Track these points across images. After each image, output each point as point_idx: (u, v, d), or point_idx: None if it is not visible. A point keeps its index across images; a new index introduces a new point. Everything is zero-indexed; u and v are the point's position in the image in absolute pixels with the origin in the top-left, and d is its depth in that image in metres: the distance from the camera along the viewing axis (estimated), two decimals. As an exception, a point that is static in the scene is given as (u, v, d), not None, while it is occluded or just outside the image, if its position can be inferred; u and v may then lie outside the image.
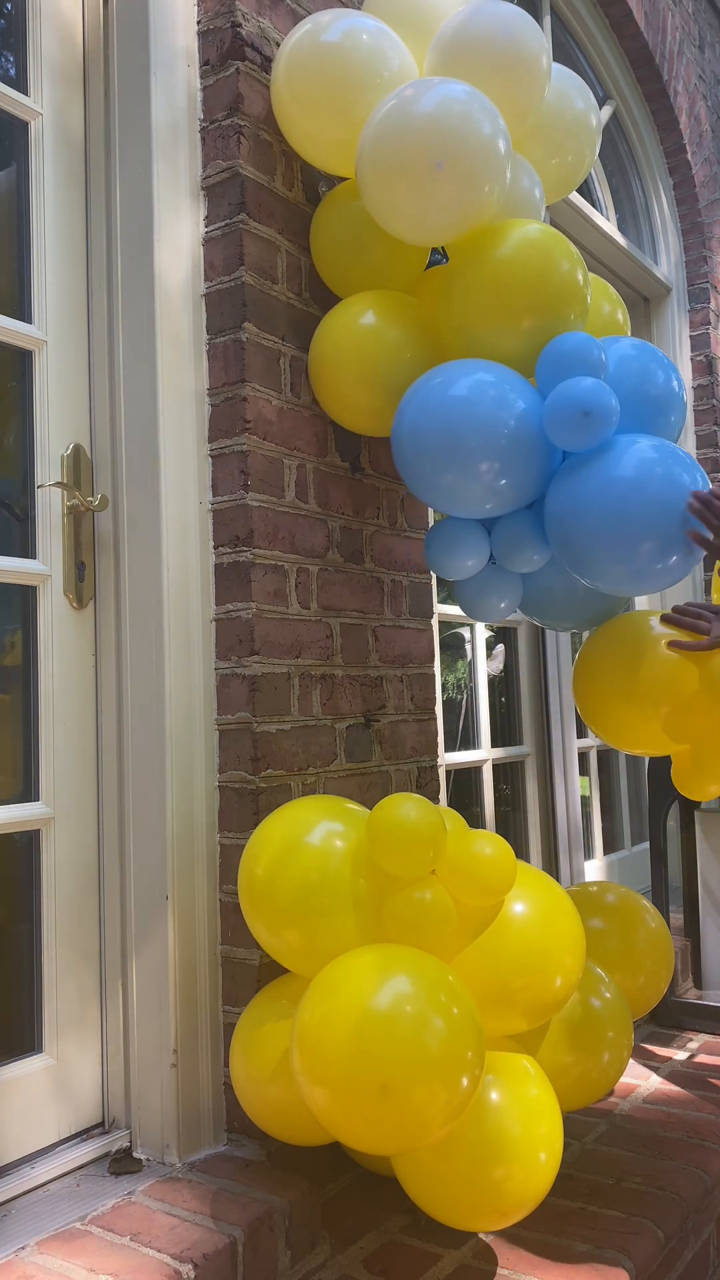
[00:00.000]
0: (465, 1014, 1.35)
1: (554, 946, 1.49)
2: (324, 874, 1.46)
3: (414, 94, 1.62)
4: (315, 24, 1.74)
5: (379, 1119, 1.29)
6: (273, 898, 1.47)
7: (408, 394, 1.70)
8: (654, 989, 1.87)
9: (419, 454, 1.67)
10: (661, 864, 2.77)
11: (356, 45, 1.71)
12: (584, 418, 1.59)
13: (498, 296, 1.69)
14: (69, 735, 1.72)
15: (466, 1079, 1.32)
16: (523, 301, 1.69)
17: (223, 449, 1.77)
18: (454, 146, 1.59)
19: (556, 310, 1.69)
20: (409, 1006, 1.31)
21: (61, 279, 1.78)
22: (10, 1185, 1.53)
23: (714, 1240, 1.85)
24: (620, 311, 2.02)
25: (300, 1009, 1.38)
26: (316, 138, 1.78)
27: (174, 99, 1.80)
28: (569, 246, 1.73)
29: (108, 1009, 1.72)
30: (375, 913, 1.46)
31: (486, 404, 1.62)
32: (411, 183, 1.62)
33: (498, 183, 1.66)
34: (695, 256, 3.80)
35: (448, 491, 1.68)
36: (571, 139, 1.94)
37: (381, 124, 1.63)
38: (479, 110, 1.61)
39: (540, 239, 1.71)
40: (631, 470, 1.63)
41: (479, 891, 1.45)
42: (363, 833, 1.50)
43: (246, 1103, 1.55)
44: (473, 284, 1.71)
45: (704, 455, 3.74)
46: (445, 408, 1.63)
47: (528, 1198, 1.44)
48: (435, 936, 1.43)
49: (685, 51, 3.77)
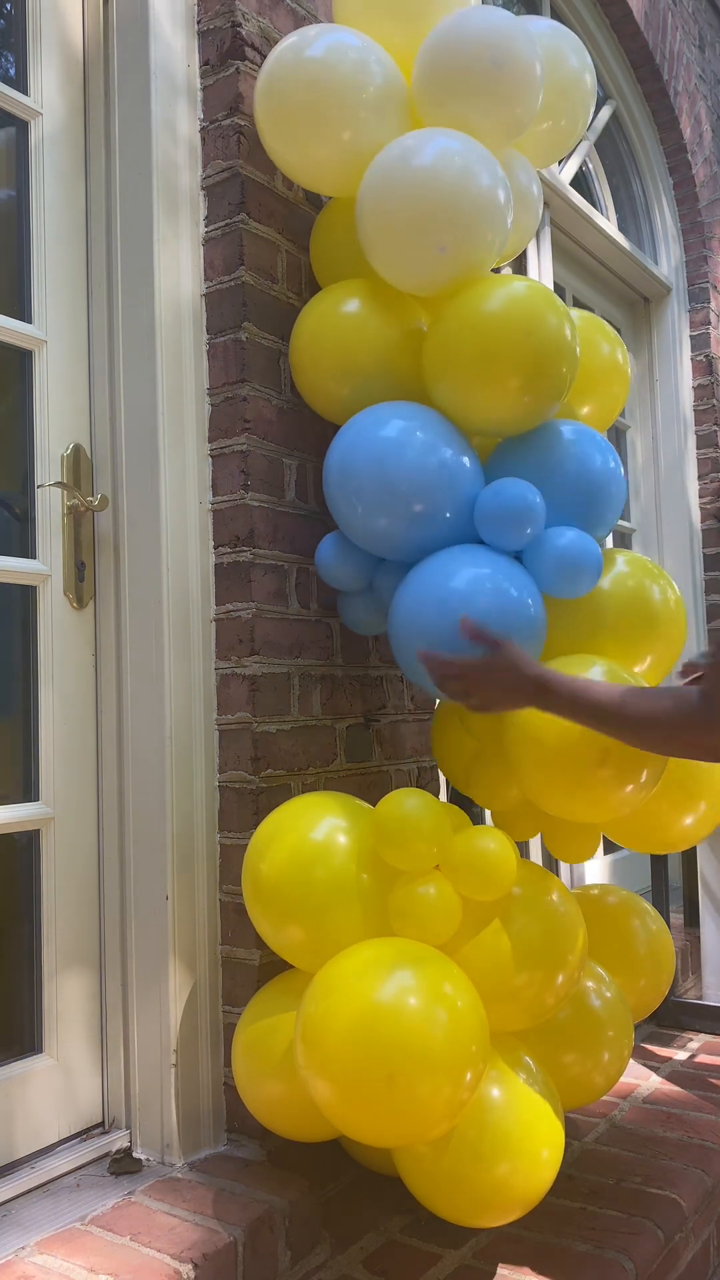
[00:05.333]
0: (469, 1007, 1.35)
1: (556, 943, 1.49)
2: (328, 869, 1.47)
3: (407, 164, 1.57)
4: (278, 59, 1.66)
5: (383, 1111, 1.29)
6: (277, 893, 1.48)
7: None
8: (654, 992, 1.87)
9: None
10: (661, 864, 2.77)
11: (337, 65, 1.62)
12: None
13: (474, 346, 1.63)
14: (69, 735, 1.72)
15: (470, 1073, 1.32)
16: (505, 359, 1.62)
17: (223, 449, 1.77)
18: (459, 232, 1.57)
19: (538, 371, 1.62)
20: (413, 999, 1.31)
21: (61, 279, 1.78)
22: (10, 1185, 1.53)
23: (714, 1240, 1.84)
24: (620, 351, 1.92)
25: (304, 1002, 1.39)
26: (295, 165, 1.73)
27: (174, 99, 1.80)
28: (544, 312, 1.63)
29: (108, 1009, 1.72)
30: (379, 907, 1.47)
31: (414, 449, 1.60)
32: (415, 263, 1.61)
33: (499, 237, 1.63)
34: (695, 256, 3.80)
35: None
36: (565, 100, 1.83)
37: (380, 197, 1.59)
38: (477, 164, 1.57)
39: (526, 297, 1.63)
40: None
41: (482, 886, 1.45)
42: (366, 828, 1.50)
43: (248, 1099, 1.55)
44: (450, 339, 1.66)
45: (704, 455, 3.74)
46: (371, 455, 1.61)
47: (530, 1194, 1.44)
48: (438, 931, 1.44)
49: (685, 51, 3.77)
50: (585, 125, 1.92)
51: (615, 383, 1.92)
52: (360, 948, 1.41)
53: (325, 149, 1.67)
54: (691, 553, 3.69)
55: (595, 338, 1.89)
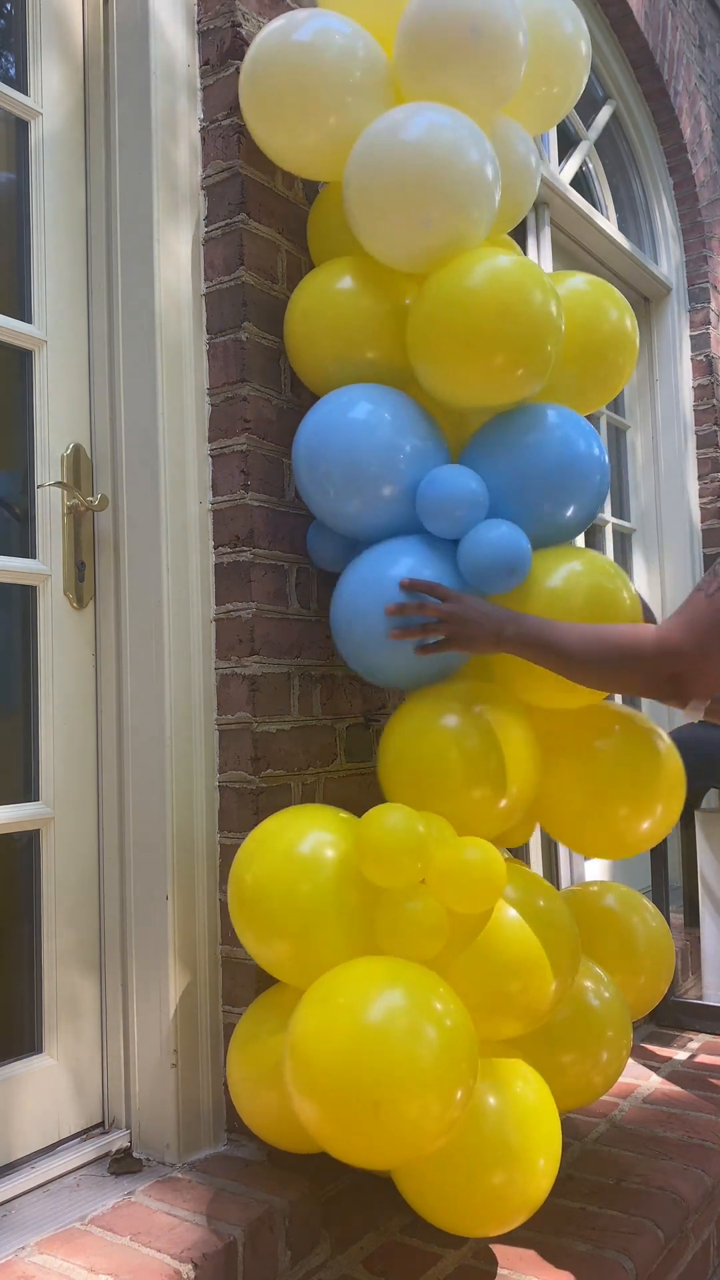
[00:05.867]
0: (459, 1025, 1.33)
1: (548, 948, 1.47)
2: (314, 883, 1.44)
3: (393, 137, 1.56)
4: (263, 43, 1.66)
5: (371, 1134, 1.27)
6: (261, 907, 1.45)
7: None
8: (654, 989, 1.87)
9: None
10: (662, 864, 2.77)
11: (324, 50, 1.62)
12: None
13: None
14: (69, 735, 1.72)
15: (461, 1091, 1.30)
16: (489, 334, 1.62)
17: (223, 449, 1.77)
18: (444, 205, 1.56)
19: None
20: (401, 1020, 1.29)
21: (61, 279, 1.78)
22: (10, 1185, 1.53)
23: (714, 1241, 1.84)
24: (628, 318, 1.86)
25: (293, 1021, 1.36)
26: (281, 150, 1.72)
27: (174, 99, 1.80)
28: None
29: (108, 1009, 1.72)
30: (366, 923, 1.44)
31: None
32: (401, 238, 1.61)
33: (486, 212, 1.62)
34: (695, 256, 3.80)
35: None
36: (560, 65, 1.80)
37: (366, 172, 1.58)
38: (465, 138, 1.57)
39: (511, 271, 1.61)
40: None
41: (470, 898, 1.42)
42: (354, 841, 1.47)
43: (242, 1108, 1.55)
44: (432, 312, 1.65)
45: (704, 455, 3.74)
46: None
47: (527, 1202, 1.43)
48: (427, 946, 1.41)
49: (685, 51, 3.77)
50: (579, 93, 1.89)
51: (622, 352, 1.85)
52: (347, 967, 1.38)
53: (313, 134, 1.67)
54: (691, 553, 3.69)
55: (602, 302, 1.82)
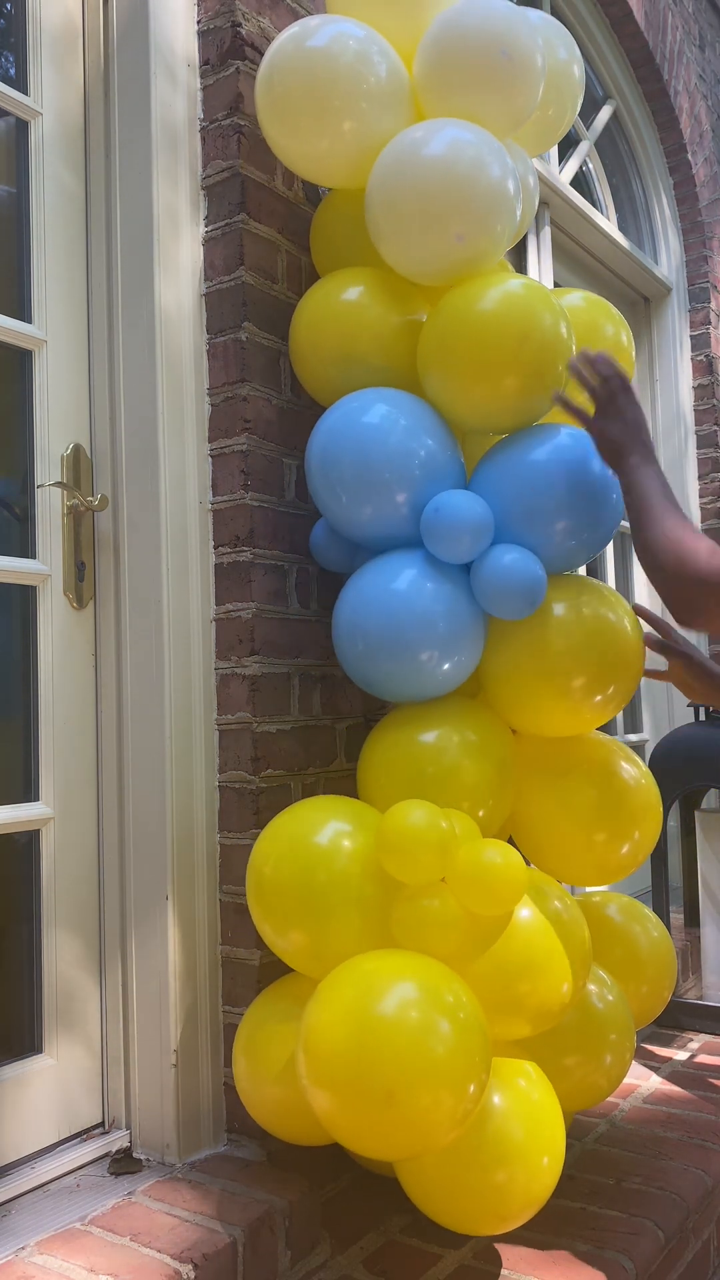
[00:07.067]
0: (472, 1020, 1.34)
1: (561, 952, 1.47)
2: (331, 875, 1.45)
3: (421, 153, 1.59)
4: (279, 49, 1.66)
5: (384, 1125, 1.28)
6: (280, 898, 1.46)
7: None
8: (657, 998, 1.87)
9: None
10: (662, 865, 2.77)
11: (339, 55, 1.63)
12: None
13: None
14: (69, 735, 1.72)
15: (473, 1085, 1.31)
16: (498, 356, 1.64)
17: (223, 449, 1.77)
18: (473, 221, 1.58)
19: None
20: (415, 1012, 1.30)
21: (61, 279, 1.78)
22: (10, 1185, 1.53)
23: (714, 1241, 1.84)
24: (624, 334, 1.92)
25: (307, 1012, 1.37)
26: (296, 156, 1.72)
27: (174, 99, 1.80)
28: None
29: (108, 1009, 1.72)
30: (383, 915, 1.45)
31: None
32: (430, 252, 1.62)
33: (508, 228, 1.65)
34: (695, 256, 3.80)
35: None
36: (553, 90, 1.85)
37: (394, 186, 1.60)
38: (489, 155, 1.59)
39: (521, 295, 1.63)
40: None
41: (489, 901, 1.42)
42: (373, 832, 1.48)
43: (249, 1103, 1.55)
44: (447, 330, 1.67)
45: (704, 455, 3.74)
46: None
47: (530, 1202, 1.43)
48: (443, 945, 1.41)
49: (685, 51, 3.77)
50: (573, 117, 1.95)
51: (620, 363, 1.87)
52: (363, 959, 1.39)
53: (327, 140, 1.67)
54: (692, 553, 3.68)
55: (599, 319, 1.89)
